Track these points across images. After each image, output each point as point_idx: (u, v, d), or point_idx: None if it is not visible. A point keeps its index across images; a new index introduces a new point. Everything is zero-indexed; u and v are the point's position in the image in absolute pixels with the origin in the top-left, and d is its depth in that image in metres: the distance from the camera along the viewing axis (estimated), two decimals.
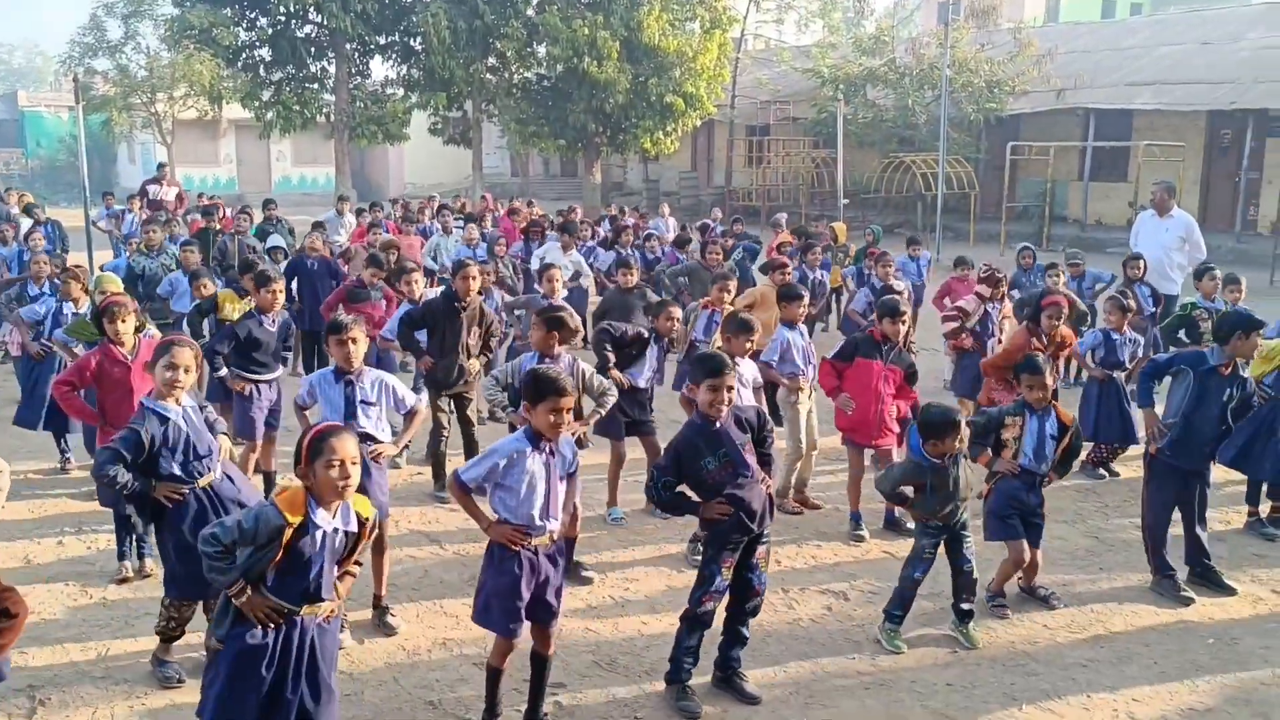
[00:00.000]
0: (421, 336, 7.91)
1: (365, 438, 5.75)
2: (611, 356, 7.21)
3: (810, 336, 8.17)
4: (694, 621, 4.97)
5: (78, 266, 9.02)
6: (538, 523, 4.48)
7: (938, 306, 11.10)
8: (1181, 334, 8.84)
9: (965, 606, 5.65)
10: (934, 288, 11.89)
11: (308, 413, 5.96)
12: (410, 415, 6.03)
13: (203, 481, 4.99)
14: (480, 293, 8.20)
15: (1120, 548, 7.03)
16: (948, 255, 18.26)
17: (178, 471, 4.92)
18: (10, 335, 9.42)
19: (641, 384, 7.37)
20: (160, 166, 17.70)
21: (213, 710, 3.83)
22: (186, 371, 4.97)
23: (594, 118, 29.20)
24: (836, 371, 7.25)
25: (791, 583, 6.41)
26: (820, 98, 30.08)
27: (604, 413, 6.48)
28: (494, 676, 4.68)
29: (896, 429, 7.22)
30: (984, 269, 9.73)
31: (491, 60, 30.57)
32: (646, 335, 7.39)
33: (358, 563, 4.13)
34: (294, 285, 11.05)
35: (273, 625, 3.82)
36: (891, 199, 28.25)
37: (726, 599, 5.04)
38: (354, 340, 5.71)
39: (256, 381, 7.32)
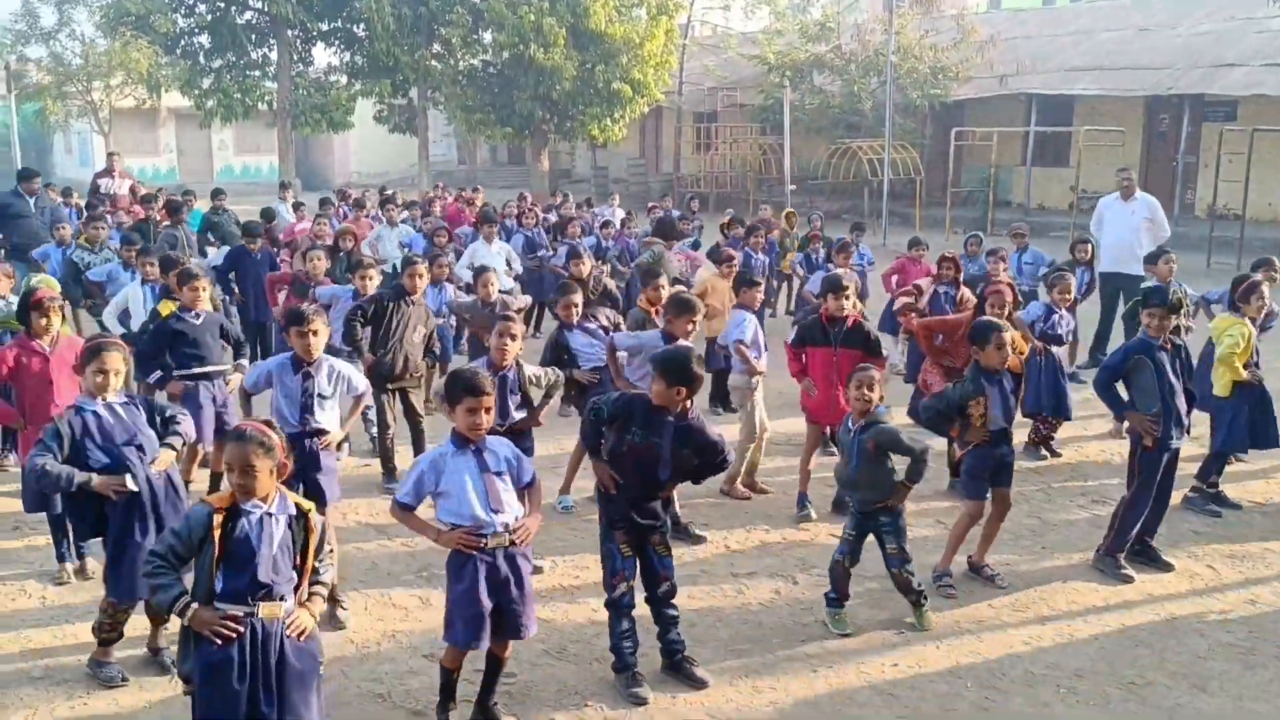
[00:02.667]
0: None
1: (317, 433, 5.78)
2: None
3: (762, 318, 8.23)
4: (614, 607, 5.01)
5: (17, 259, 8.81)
6: (484, 518, 4.40)
7: (886, 284, 11.23)
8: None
9: (911, 597, 5.71)
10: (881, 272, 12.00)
11: (253, 400, 5.95)
12: (356, 400, 6.03)
13: (132, 481, 4.86)
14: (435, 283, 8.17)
15: (1063, 527, 7.15)
16: (894, 241, 18.45)
17: (105, 459, 4.82)
18: None
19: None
20: (110, 156, 17.25)
21: None
22: (116, 374, 4.94)
23: (541, 105, 29.07)
24: (796, 356, 7.32)
25: (741, 568, 6.45)
26: (767, 84, 30.16)
27: (549, 404, 6.51)
28: (448, 676, 4.66)
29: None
30: (946, 255, 9.81)
31: (436, 47, 30.34)
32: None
33: (320, 581, 4.02)
34: (233, 277, 10.86)
35: (230, 637, 3.71)
36: (838, 185, 28.43)
37: (641, 586, 5.07)
38: (314, 332, 5.68)
39: (196, 376, 7.16)
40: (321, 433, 5.77)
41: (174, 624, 5.18)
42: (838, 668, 5.27)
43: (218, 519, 3.71)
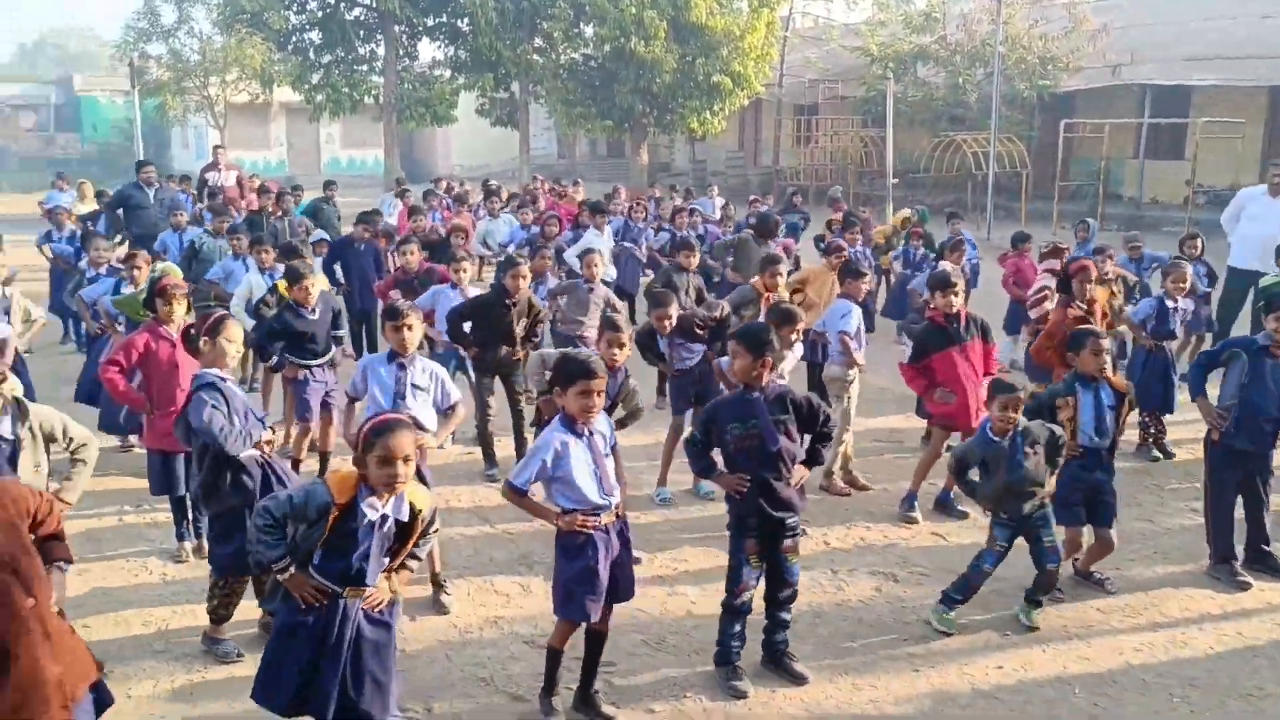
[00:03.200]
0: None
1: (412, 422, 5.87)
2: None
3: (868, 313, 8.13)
4: (733, 611, 5.03)
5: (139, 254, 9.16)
6: (600, 502, 4.52)
7: (1007, 288, 11.01)
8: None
9: (1041, 596, 5.61)
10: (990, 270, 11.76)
11: (357, 404, 6.06)
12: (451, 409, 6.04)
13: (255, 446, 5.06)
14: (536, 277, 8.26)
15: (1176, 532, 6.93)
16: (1000, 235, 18.04)
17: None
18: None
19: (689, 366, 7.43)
20: (215, 150, 17.84)
21: (257, 680, 3.95)
22: (237, 351, 5.17)
23: (641, 98, 29.14)
24: (919, 372, 7.13)
25: (841, 564, 6.40)
26: (869, 76, 29.74)
27: (625, 426, 6.57)
28: (555, 656, 4.72)
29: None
30: (1046, 245, 9.62)
31: (538, 41, 30.63)
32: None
33: (415, 557, 4.13)
34: (338, 269, 11.11)
35: (315, 604, 3.87)
36: (941, 179, 27.92)
37: (763, 588, 5.06)
38: (409, 326, 5.78)
39: (307, 366, 7.41)
40: (415, 423, 5.77)
41: None
42: (940, 668, 5.19)
43: (335, 511, 3.81)
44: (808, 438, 5.04)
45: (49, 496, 3.73)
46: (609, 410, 6.21)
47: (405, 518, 3.96)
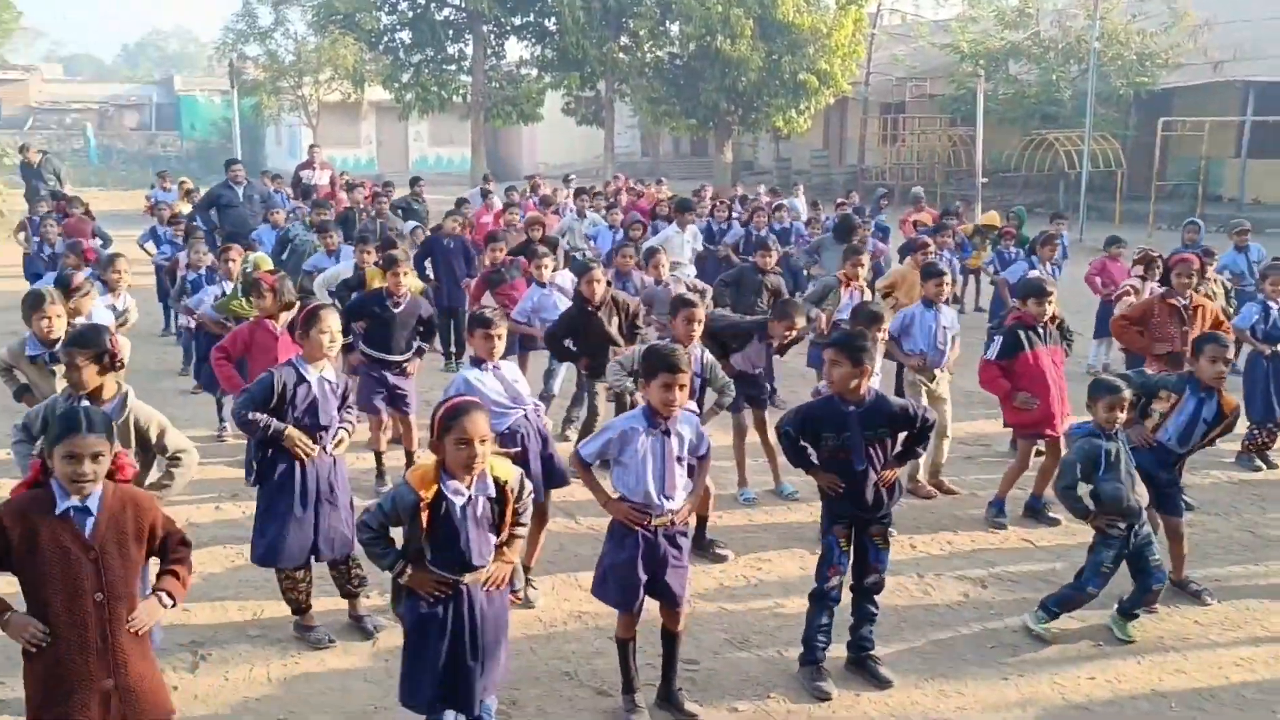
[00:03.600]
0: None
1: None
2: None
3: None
4: (821, 598, 5.00)
5: (232, 247, 9.42)
6: (655, 501, 4.51)
7: (1090, 284, 10.80)
8: None
9: (1140, 610, 5.48)
10: (1078, 270, 11.51)
11: None
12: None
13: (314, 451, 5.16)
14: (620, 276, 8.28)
15: (1279, 543, 6.70)
16: (1092, 237, 17.62)
17: (299, 424, 5.16)
18: (189, 321, 9.87)
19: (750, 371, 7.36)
20: (311, 148, 18.27)
21: (402, 676, 4.04)
22: (334, 338, 5.24)
23: (726, 96, 29.08)
24: (1003, 371, 6.96)
25: (927, 568, 6.32)
26: (959, 74, 29.28)
27: (722, 409, 6.55)
28: (623, 649, 4.75)
29: (1070, 409, 7.01)
30: (1139, 251, 9.41)
31: (624, 39, 30.74)
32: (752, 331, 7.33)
33: (521, 523, 4.18)
34: (428, 265, 11.28)
35: (440, 596, 3.94)
36: (1032, 178, 27.38)
37: (850, 576, 5.04)
38: (499, 336, 5.83)
39: (380, 360, 7.48)
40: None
41: (372, 597, 5.50)
42: (1030, 676, 5.10)
43: (423, 507, 3.87)
44: (902, 435, 5.02)
45: (183, 535, 3.76)
46: (700, 390, 6.31)
47: (493, 493, 4.01)
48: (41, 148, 21.24)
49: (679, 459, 4.61)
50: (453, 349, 11.10)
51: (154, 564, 3.82)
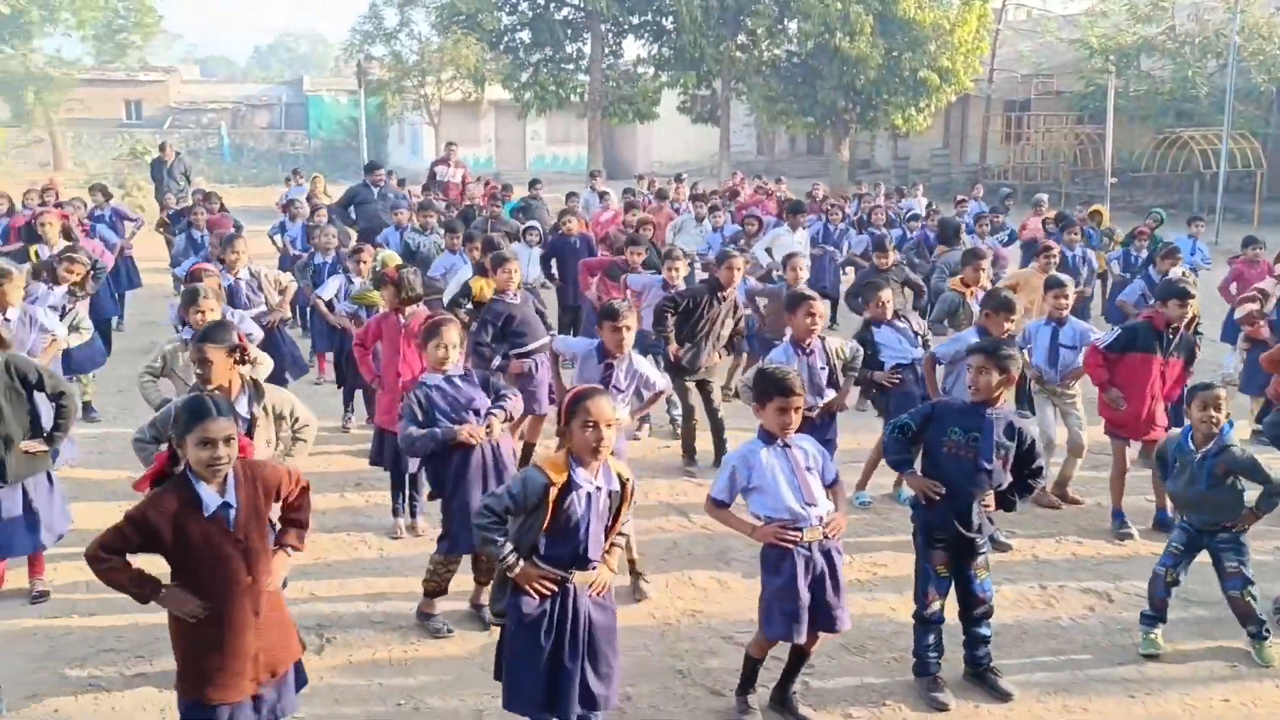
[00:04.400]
0: None
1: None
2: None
3: (1084, 317, 7.74)
4: (923, 621, 4.92)
5: (365, 247, 9.72)
6: (800, 511, 4.43)
7: (1224, 294, 10.36)
8: None
9: (1251, 627, 5.25)
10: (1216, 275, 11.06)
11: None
12: (655, 395, 6.21)
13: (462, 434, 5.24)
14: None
15: None
16: (1227, 239, 16.89)
17: (450, 423, 5.25)
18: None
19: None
20: (448, 146, 18.68)
21: (505, 681, 4.05)
22: (453, 348, 5.35)
23: (844, 94, 28.74)
24: (1108, 362, 6.80)
25: (1050, 579, 6.16)
26: (1088, 70, 28.40)
27: (851, 384, 6.55)
28: (752, 663, 4.72)
29: (1166, 423, 6.79)
30: None
31: (741, 38, 30.64)
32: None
33: (622, 533, 4.21)
34: (553, 265, 11.40)
35: (547, 594, 3.94)
36: (1164, 178, 26.38)
37: (956, 605, 4.94)
38: (627, 328, 5.86)
39: (530, 354, 7.56)
40: None
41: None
42: (1158, 695, 4.92)
43: (553, 491, 3.91)
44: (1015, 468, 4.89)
45: (303, 482, 3.92)
46: (830, 380, 6.36)
47: (616, 487, 4.04)
48: (177, 147, 22.11)
49: (807, 468, 4.54)
50: None
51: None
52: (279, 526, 3.93)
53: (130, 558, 3.62)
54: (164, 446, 3.77)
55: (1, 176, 34.66)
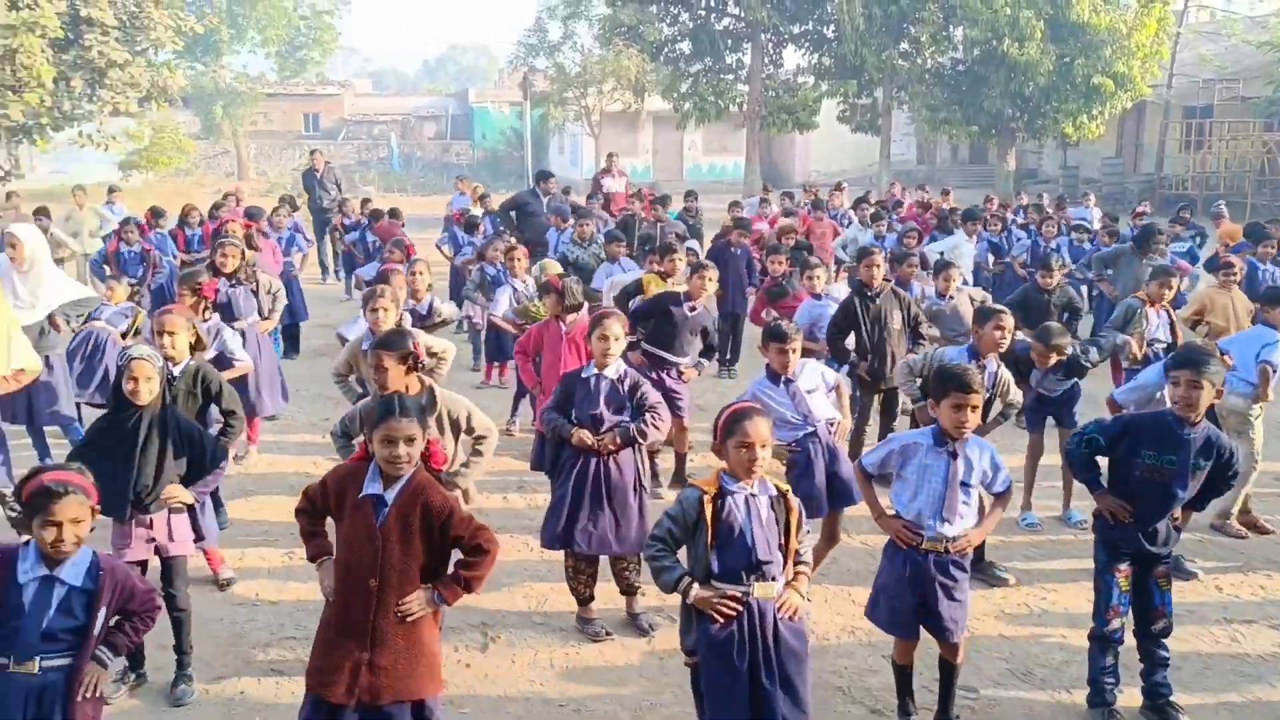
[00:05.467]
0: None
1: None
2: None
3: None
4: (1102, 641, 4.73)
5: (518, 247, 9.93)
6: (927, 522, 4.38)
7: None
8: None
9: None
10: None
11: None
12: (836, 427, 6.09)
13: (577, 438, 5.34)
14: (903, 283, 8.14)
15: None
16: None
17: (585, 422, 5.37)
18: (475, 312, 10.53)
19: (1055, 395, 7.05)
20: (610, 157, 19.02)
21: (706, 708, 3.99)
22: (616, 340, 5.41)
23: (1011, 102, 27.90)
24: None
25: (1236, 614, 5.83)
26: (1278, 73, 26.78)
27: (1006, 419, 6.34)
28: (899, 673, 4.66)
29: None
30: None
31: (904, 45, 30.10)
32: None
33: (804, 560, 4.06)
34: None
35: (732, 615, 3.85)
36: None
37: (1133, 619, 4.74)
38: (794, 350, 5.86)
39: (660, 359, 7.59)
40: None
41: (648, 595, 5.63)
42: None
43: (707, 500, 3.91)
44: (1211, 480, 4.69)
45: (486, 544, 3.83)
46: (987, 405, 6.13)
47: (774, 493, 3.99)
48: (346, 158, 22.93)
49: (964, 484, 4.44)
50: (728, 355, 11.18)
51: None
52: (450, 570, 3.88)
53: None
54: (355, 445, 3.97)
55: (192, 186, 36.93)
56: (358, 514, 3.72)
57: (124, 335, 8.02)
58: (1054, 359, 6.73)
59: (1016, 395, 6.33)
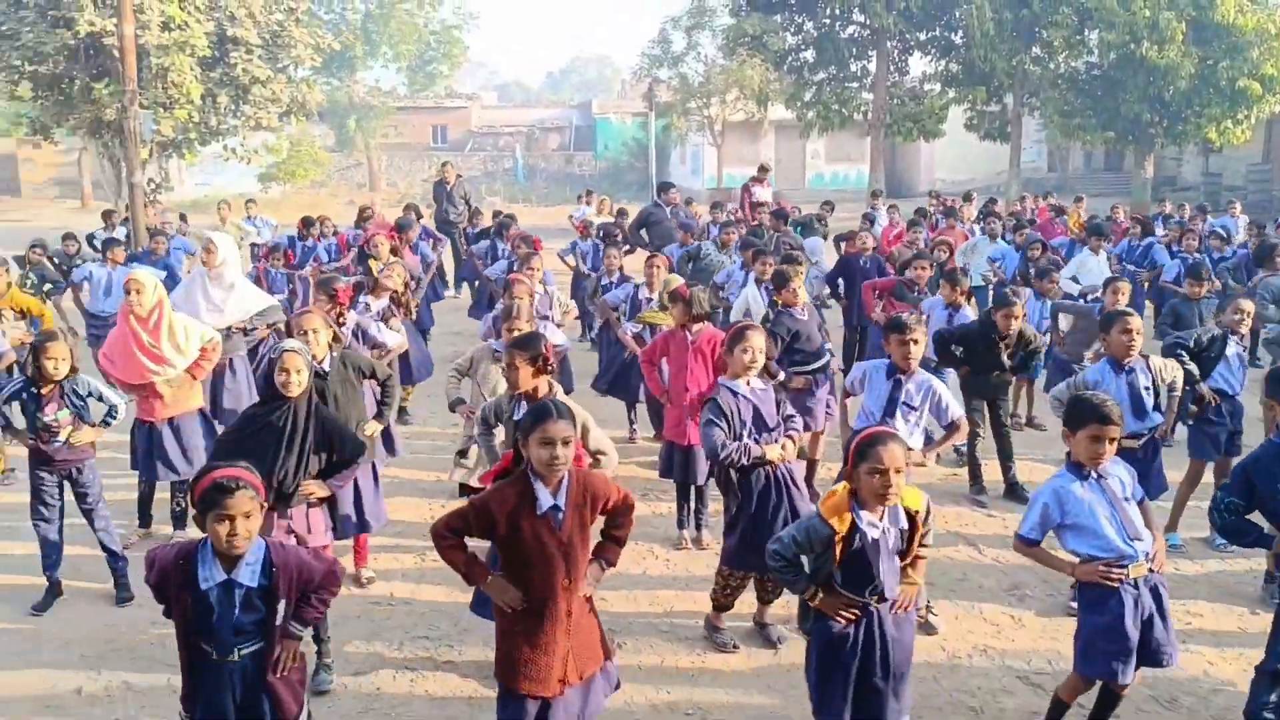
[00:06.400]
0: None
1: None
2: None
3: None
4: (1272, 677, 4.46)
5: (657, 255, 10.01)
6: (1125, 549, 4.19)
7: None
8: None
9: None
10: None
11: (847, 401, 6.27)
12: (950, 427, 5.95)
13: (771, 452, 5.27)
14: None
15: None
16: None
17: (746, 438, 5.29)
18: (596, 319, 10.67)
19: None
20: (761, 168, 19.12)
21: (813, 697, 4.08)
22: (760, 353, 5.36)
23: (1149, 106, 26.89)
24: None
25: None
26: None
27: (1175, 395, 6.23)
28: (1059, 707, 4.51)
29: None
30: None
31: (1036, 50, 29.31)
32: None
33: (925, 544, 4.11)
34: (840, 284, 11.34)
35: (852, 620, 3.94)
36: None
37: None
38: (915, 341, 5.77)
39: (808, 373, 7.59)
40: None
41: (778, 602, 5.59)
42: None
43: (838, 540, 3.88)
44: None
45: (630, 500, 4.04)
46: (1156, 404, 6.02)
47: (905, 525, 3.97)
48: (472, 169, 23.35)
49: (1127, 499, 4.30)
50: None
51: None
52: (600, 539, 4.07)
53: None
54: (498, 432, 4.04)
55: (326, 197, 38.26)
56: (540, 528, 3.77)
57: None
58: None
59: (1176, 374, 6.19)
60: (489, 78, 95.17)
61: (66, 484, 6.04)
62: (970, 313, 8.64)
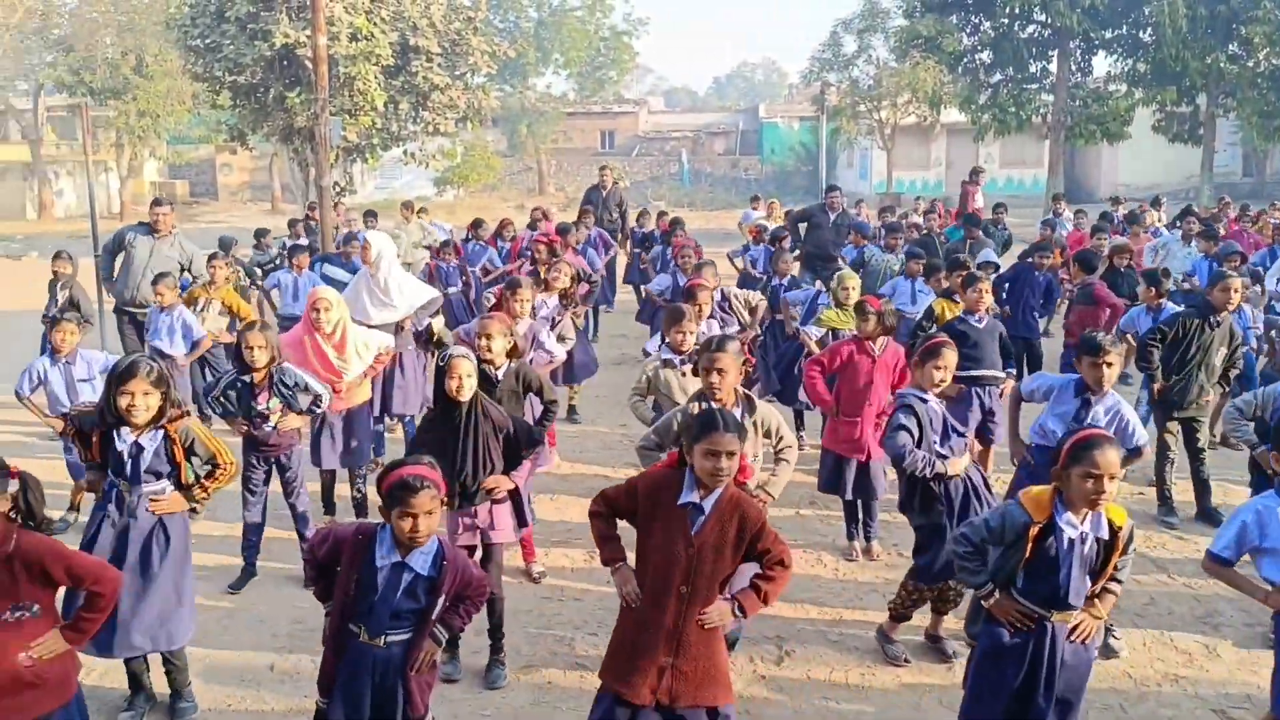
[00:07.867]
0: None
1: None
2: None
3: None
4: None
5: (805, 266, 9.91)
6: None
7: None
8: None
9: None
10: None
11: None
12: (1134, 452, 5.60)
13: (954, 468, 5.16)
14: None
15: None
16: None
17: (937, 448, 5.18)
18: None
19: None
20: (976, 172, 18.84)
21: (965, 702, 4.00)
22: (948, 369, 5.28)
23: None
24: None
25: None
26: None
27: None
28: None
29: None
30: None
31: (1233, 47, 27.68)
32: None
33: (1117, 580, 3.95)
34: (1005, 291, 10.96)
35: (1022, 628, 3.83)
36: None
37: None
38: (1109, 364, 5.57)
39: (971, 379, 7.36)
40: None
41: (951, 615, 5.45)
42: None
43: (1034, 530, 3.78)
44: None
45: (788, 558, 3.83)
46: None
47: (1105, 535, 3.83)
48: (638, 175, 23.52)
49: None
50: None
51: None
52: (749, 583, 3.87)
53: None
54: (664, 455, 4.05)
55: (497, 201, 39.34)
56: (673, 520, 3.74)
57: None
58: None
59: None
60: (656, 83, 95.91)
61: (274, 469, 6.42)
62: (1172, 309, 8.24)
